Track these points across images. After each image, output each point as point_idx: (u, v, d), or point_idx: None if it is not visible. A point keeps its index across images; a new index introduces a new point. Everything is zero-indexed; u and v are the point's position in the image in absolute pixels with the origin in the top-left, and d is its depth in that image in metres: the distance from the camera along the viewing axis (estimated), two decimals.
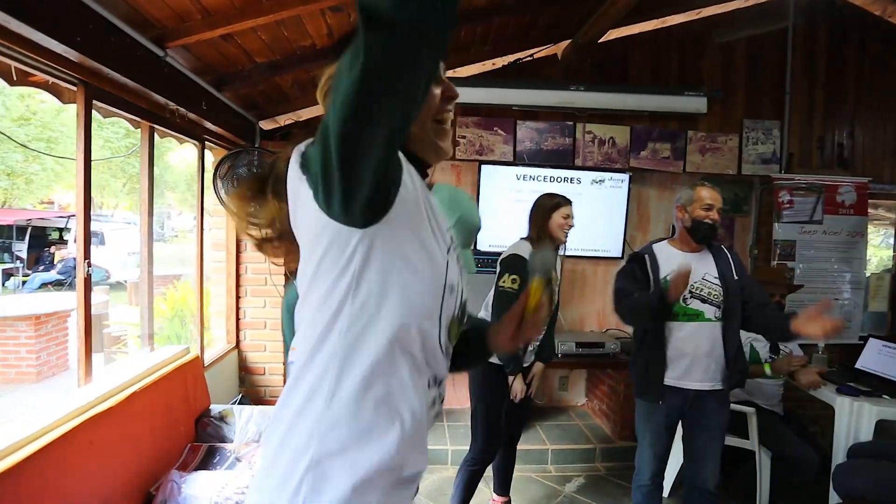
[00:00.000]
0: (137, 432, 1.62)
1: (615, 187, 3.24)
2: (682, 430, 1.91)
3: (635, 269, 1.87)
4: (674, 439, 1.93)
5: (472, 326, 0.90)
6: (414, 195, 0.65)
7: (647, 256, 1.85)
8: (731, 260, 1.84)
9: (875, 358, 2.41)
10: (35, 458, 1.19)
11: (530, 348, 2.04)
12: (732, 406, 2.22)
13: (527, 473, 2.70)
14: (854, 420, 2.14)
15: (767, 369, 2.31)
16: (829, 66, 3.37)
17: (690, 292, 1.76)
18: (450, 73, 2.99)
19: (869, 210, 3.27)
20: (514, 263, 1.91)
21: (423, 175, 0.75)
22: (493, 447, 2.06)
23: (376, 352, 0.62)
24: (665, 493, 2.39)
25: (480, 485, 2.12)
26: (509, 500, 2.31)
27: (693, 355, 1.76)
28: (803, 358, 2.36)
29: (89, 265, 1.64)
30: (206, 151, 2.62)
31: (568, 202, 2.01)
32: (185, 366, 1.99)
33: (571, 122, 3.21)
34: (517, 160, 3.19)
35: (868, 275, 3.63)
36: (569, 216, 1.98)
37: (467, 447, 2.10)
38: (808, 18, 3.25)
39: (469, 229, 1.39)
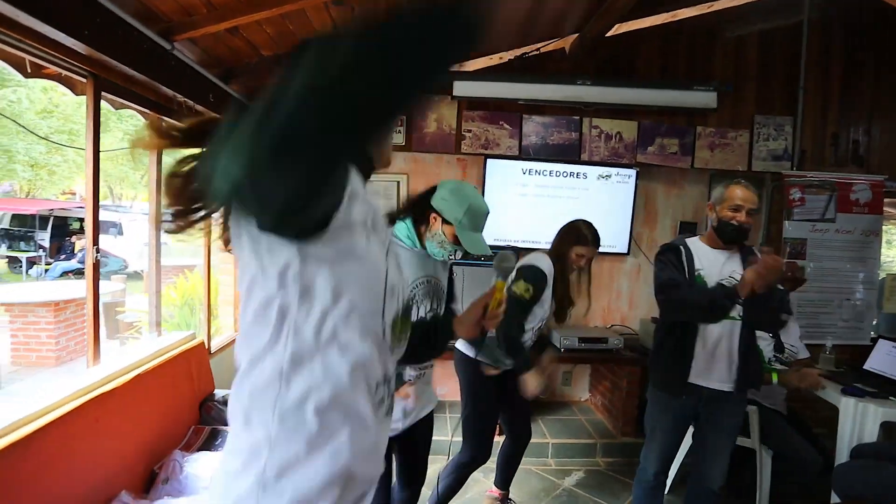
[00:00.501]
0: (142, 413, 1.68)
1: (622, 182, 3.22)
2: (695, 429, 1.91)
3: (672, 259, 1.82)
4: (683, 437, 1.93)
5: (439, 319, 0.98)
6: (356, 210, 0.63)
7: (682, 248, 1.81)
8: (752, 256, 1.77)
9: (884, 359, 2.37)
10: (41, 433, 1.25)
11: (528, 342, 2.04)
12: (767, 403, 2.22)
13: (526, 466, 2.71)
14: (858, 421, 2.11)
15: (775, 379, 2.26)
16: (845, 60, 3.29)
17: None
18: (455, 67, 3.00)
19: (885, 209, 3.19)
20: (533, 275, 1.93)
21: (369, 171, 0.72)
22: (486, 449, 2.07)
23: (323, 363, 0.62)
24: (666, 491, 2.39)
25: (477, 474, 2.15)
26: (507, 495, 2.33)
27: (715, 353, 1.74)
28: (813, 373, 2.30)
29: (97, 251, 1.70)
30: None
31: (593, 244, 1.99)
32: (191, 351, 2.05)
33: (578, 117, 3.19)
34: (523, 155, 3.19)
35: (883, 276, 3.55)
36: (582, 256, 1.98)
37: None
38: (824, 12, 3.17)
39: (479, 216, 1.49)
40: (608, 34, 2.92)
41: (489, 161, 3.15)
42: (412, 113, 2.32)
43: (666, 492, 2.38)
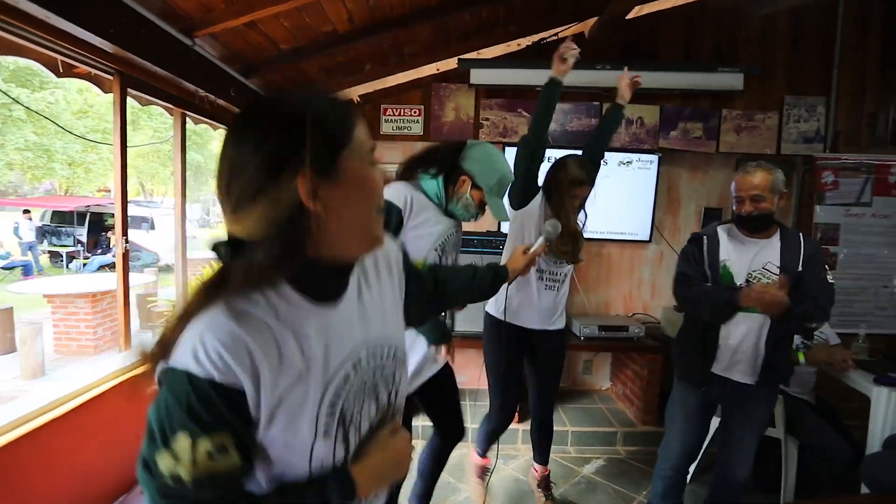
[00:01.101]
0: None
1: (643, 168, 3.16)
2: (721, 420, 1.86)
3: (694, 250, 1.78)
4: (706, 431, 1.89)
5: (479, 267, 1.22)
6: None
7: (705, 238, 1.76)
8: (801, 249, 1.67)
9: None
10: (76, 412, 1.33)
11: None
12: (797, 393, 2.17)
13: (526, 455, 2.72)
14: (892, 411, 2.04)
15: (802, 358, 2.22)
16: (884, 36, 3.12)
17: (748, 281, 1.66)
18: (472, 55, 2.99)
19: None
20: None
21: (343, 284, 0.70)
22: (507, 405, 2.12)
23: None
24: (688, 479, 2.36)
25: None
26: (546, 471, 2.31)
27: (740, 347, 1.69)
28: (841, 349, 2.25)
29: (126, 241, 1.78)
30: None
31: (587, 179, 1.96)
32: None
33: (598, 103, 3.14)
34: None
35: None
36: (577, 194, 1.95)
37: None
38: None
39: (507, 183, 1.58)
40: (629, 16, 2.85)
41: (508, 149, 3.13)
42: None
43: (688, 481, 2.37)
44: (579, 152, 2.08)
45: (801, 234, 1.71)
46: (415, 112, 3.20)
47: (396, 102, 3.22)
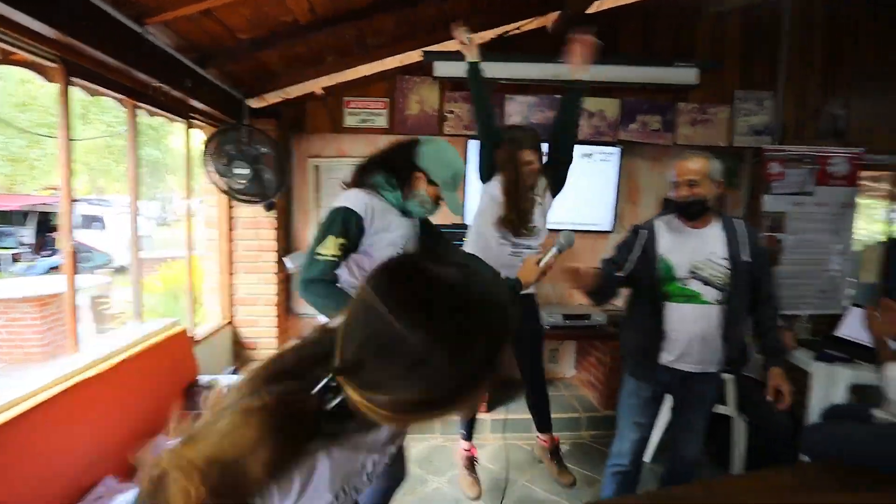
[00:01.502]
0: (123, 399, 1.70)
1: (605, 161, 3.24)
2: (673, 407, 1.91)
3: (629, 240, 1.82)
4: (657, 418, 1.90)
5: None
6: None
7: (644, 231, 1.78)
8: (746, 237, 1.70)
9: (856, 326, 2.43)
10: (20, 420, 1.26)
11: None
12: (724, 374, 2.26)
13: (513, 441, 2.78)
14: (829, 384, 2.19)
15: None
16: (826, 35, 3.30)
17: (691, 272, 1.67)
18: (437, 48, 2.98)
19: (864, 182, 3.26)
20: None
21: None
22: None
23: None
24: (648, 459, 2.47)
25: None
26: (553, 439, 2.35)
27: (688, 338, 1.69)
28: (793, 333, 2.39)
29: (73, 241, 1.70)
30: (196, 130, 2.66)
31: (533, 148, 2.01)
32: (173, 338, 2.07)
33: (561, 96, 3.19)
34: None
35: (861, 247, 3.63)
36: (529, 162, 1.99)
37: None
38: None
39: (461, 176, 1.57)
40: (589, 11, 2.91)
41: (472, 142, 3.15)
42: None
43: (648, 460, 2.47)
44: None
45: (743, 222, 1.73)
46: (379, 105, 3.17)
47: (360, 95, 3.18)
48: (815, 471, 1.77)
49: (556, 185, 2.14)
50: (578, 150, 3.18)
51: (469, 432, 2.34)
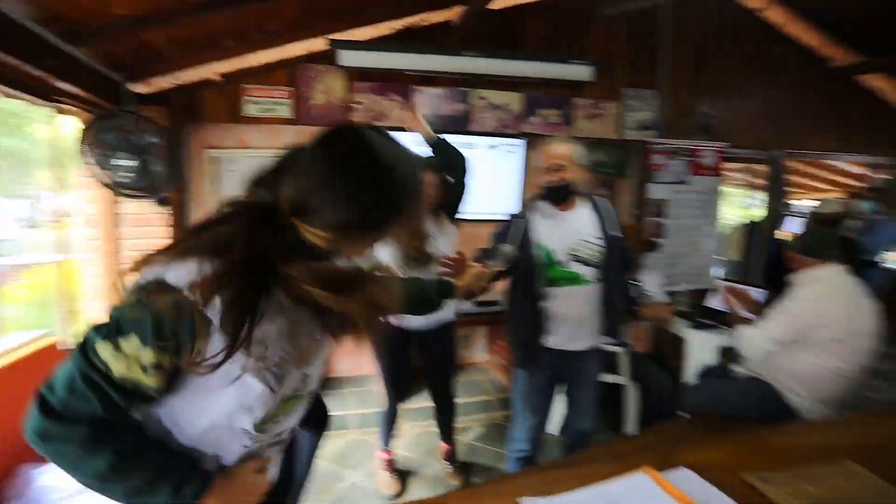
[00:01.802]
0: None
1: (511, 152, 3.39)
2: (564, 384, 1.94)
3: (503, 228, 1.83)
4: (552, 400, 1.93)
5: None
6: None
7: (518, 220, 1.80)
8: (613, 214, 1.81)
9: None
10: None
11: None
12: (606, 347, 2.48)
13: (430, 429, 2.84)
14: (702, 349, 2.50)
15: (641, 317, 2.59)
16: (695, 40, 3.70)
17: (570, 254, 1.71)
18: (341, 35, 2.92)
19: (734, 173, 3.73)
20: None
21: None
22: (392, 393, 2.20)
23: None
24: (556, 432, 2.64)
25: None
26: (452, 450, 2.44)
27: (575, 319, 1.73)
28: (672, 307, 2.68)
29: None
30: (69, 117, 2.37)
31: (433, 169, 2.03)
32: (41, 351, 1.85)
33: (466, 89, 3.27)
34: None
35: (728, 230, 4.16)
36: (429, 184, 2.02)
37: (372, 410, 2.19)
38: None
39: None
40: (493, 7, 3.00)
41: None
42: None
43: (557, 433, 2.64)
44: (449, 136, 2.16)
45: (607, 201, 1.82)
46: (282, 94, 3.04)
47: (261, 83, 3.03)
48: (689, 423, 2.02)
49: (451, 211, 2.13)
50: (485, 141, 3.33)
51: (386, 440, 2.37)
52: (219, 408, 0.75)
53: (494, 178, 3.35)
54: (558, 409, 2.67)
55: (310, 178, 0.71)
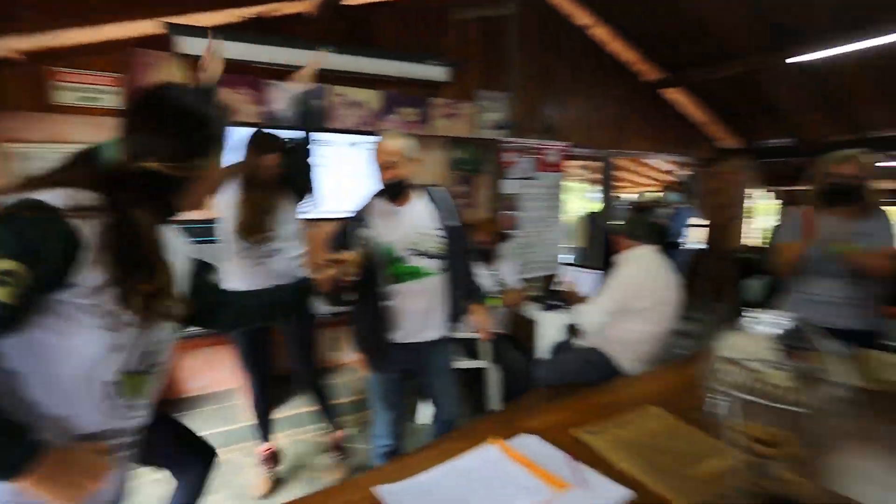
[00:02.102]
0: None
1: (371, 150, 3.39)
2: (419, 376, 1.96)
3: (345, 227, 1.77)
4: (406, 392, 1.95)
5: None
6: None
7: (352, 220, 1.75)
8: (451, 204, 1.81)
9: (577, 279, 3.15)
10: None
11: None
12: (466, 335, 2.62)
13: (300, 437, 2.76)
14: (551, 328, 2.80)
15: (499, 304, 2.81)
16: (540, 51, 4.08)
17: (410, 249, 1.70)
18: (180, 19, 2.65)
19: (578, 169, 4.20)
20: None
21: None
22: (257, 378, 2.21)
23: None
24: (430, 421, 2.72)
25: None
26: (339, 435, 2.43)
27: (421, 312, 1.74)
28: (525, 292, 2.95)
29: None
30: None
31: (274, 150, 2.06)
32: None
33: (324, 84, 3.20)
34: (267, 122, 3.05)
35: (572, 220, 4.68)
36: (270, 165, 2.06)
37: (237, 426, 2.10)
38: (522, 6, 3.86)
39: None
40: (347, 2, 2.97)
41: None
42: None
43: (431, 421, 2.73)
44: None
45: (444, 191, 1.81)
46: (106, 80, 2.66)
47: (80, 66, 2.61)
48: (540, 394, 2.25)
49: (299, 190, 2.16)
50: (345, 139, 3.30)
51: (265, 433, 2.31)
52: (75, 351, 0.79)
53: (356, 175, 3.34)
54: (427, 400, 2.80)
55: (137, 127, 0.87)
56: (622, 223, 2.46)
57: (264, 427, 2.33)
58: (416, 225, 1.73)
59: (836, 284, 2.01)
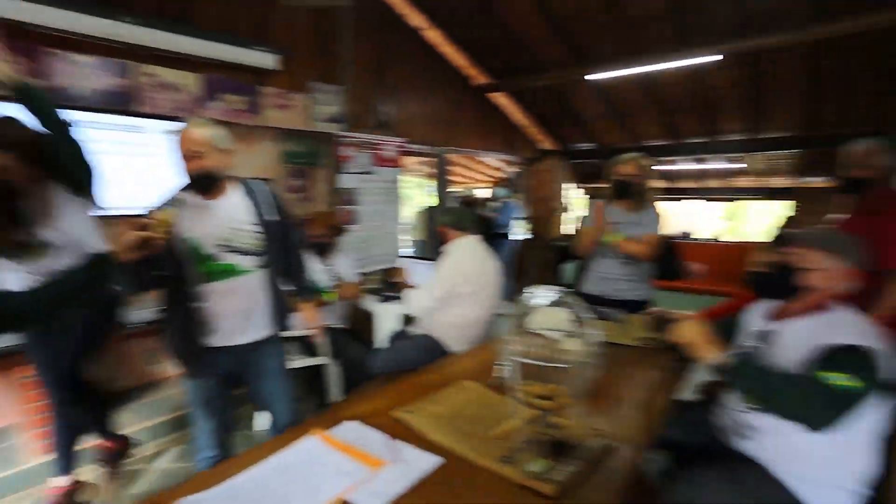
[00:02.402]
0: None
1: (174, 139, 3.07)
2: (246, 381, 1.84)
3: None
4: (232, 399, 1.86)
5: None
6: None
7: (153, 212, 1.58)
8: (271, 197, 1.73)
9: (410, 269, 3.28)
10: None
11: None
12: (302, 332, 2.57)
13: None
14: (388, 318, 2.89)
15: (335, 298, 2.79)
16: (376, 46, 4.12)
17: (222, 245, 1.60)
18: None
19: (417, 165, 4.34)
20: None
21: None
22: (60, 396, 1.92)
23: None
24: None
25: None
26: (110, 445, 2.16)
27: (236, 313, 1.64)
28: (361, 285, 2.98)
29: None
30: None
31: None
32: None
33: (128, 61, 2.79)
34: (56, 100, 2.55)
35: (413, 213, 4.86)
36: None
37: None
38: (356, 1, 3.83)
39: None
40: None
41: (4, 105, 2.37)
42: None
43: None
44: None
45: (264, 184, 1.74)
46: None
47: None
48: (376, 384, 2.31)
49: (74, 185, 1.81)
50: (159, 125, 2.92)
51: (67, 464, 1.98)
52: None
53: (168, 166, 2.98)
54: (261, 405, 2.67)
55: None
56: (448, 216, 2.65)
57: (65, 459, 1.98)
58: (229, 220, 1.62)
59: (617, 264, 2.52)
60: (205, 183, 1.59)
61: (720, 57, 3.93)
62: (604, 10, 3.90)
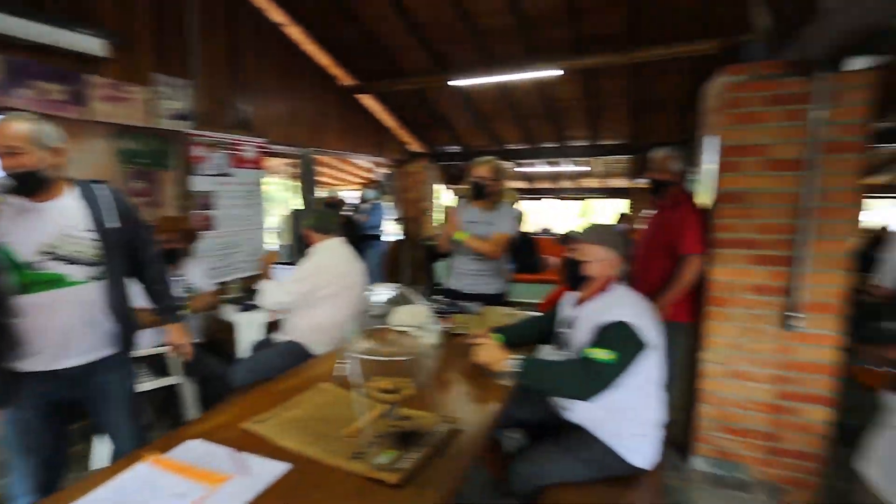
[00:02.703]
0: None
1: None
2: (87, 410, 1.65)
3: None
4: (62, 430, 1.63)
5: None
6: None
7: None
8: (113, 202, 1.57)
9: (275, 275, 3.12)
10: None
11: None
12: (150, 351, 2.35)
13: None
14: (250, 327, 2.75)
15: (186, 310, 2.57)
16: (230, 39, 3.85)
17: (45, 253, 1.42)
18: None
19: (282, 166, 4.14)
20: None
21: None
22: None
23: None
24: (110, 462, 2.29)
25: None
26: None
27: (63, 330, 1.47)
28: (216, 293, 2.78)
29: None
30: None
31: None
32: None
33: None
34: None
35: (280, 217, 4.65)
36: None
37: None
38: None
39: None
40: None
41: None
42: None
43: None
44: None
45: (107, 187, 1.60)
46: None
47: None
48: (238, 397, 2.18)
49: None
50: None
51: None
52: None
53: None
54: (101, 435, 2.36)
55: None
56: (311, 218, 2.60)
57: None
58: (57, 225, 1.45)
59: (469, 260, 2.71)
60: (28, 183, 1.40)
61: (561, 72, 4.42)
62: (458, 20, 4.14)
